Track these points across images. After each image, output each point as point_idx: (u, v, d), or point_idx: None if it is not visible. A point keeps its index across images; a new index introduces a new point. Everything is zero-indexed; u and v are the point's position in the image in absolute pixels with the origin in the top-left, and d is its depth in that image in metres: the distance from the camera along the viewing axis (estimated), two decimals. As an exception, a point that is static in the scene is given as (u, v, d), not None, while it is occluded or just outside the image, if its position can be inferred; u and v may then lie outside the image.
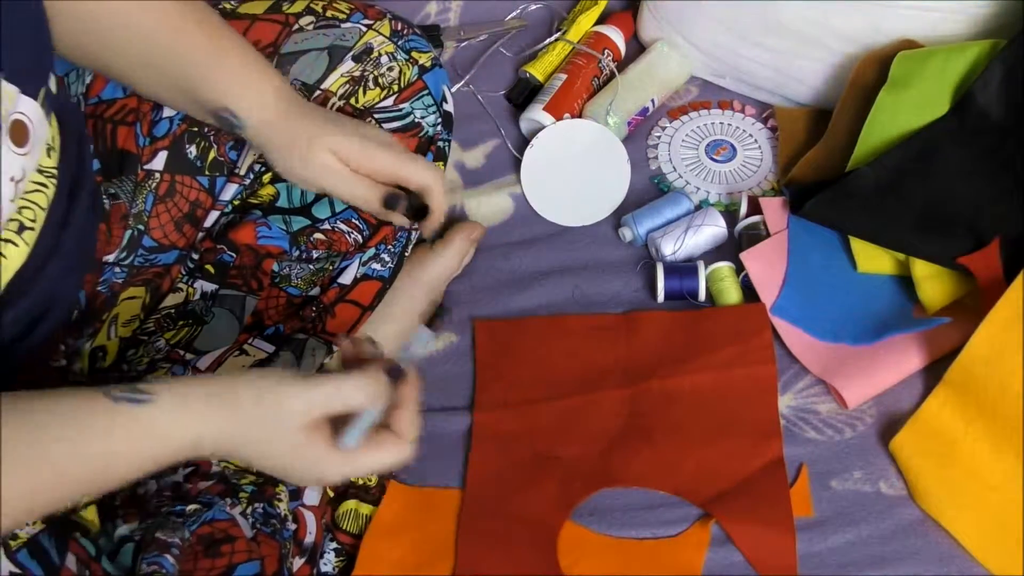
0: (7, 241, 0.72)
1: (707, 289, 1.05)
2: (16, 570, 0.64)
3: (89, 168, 0.85)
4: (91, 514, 0.72)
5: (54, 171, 0.76)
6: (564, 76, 1.22)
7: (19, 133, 0.69)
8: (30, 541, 0.66)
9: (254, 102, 0.82)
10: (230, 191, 0.94)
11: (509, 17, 1.34)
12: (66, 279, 0.81)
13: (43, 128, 0.72)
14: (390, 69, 0.95)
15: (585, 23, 1.29)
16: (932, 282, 0.99)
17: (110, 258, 0.89)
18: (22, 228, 0.73)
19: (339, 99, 0.93)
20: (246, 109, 0.82)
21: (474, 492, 0.94)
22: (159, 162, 0.91)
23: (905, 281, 1.02)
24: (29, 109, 0.69)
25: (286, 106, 0.83)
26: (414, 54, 0.97)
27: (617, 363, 1.01)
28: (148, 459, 0.64)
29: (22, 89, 0.68)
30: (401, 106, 0.95)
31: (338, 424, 0.67)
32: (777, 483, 0.92)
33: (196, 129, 0.91)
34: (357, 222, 0.94)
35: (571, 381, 1.00)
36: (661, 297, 1.05)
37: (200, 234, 0.94)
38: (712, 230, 1.09)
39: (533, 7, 1.36)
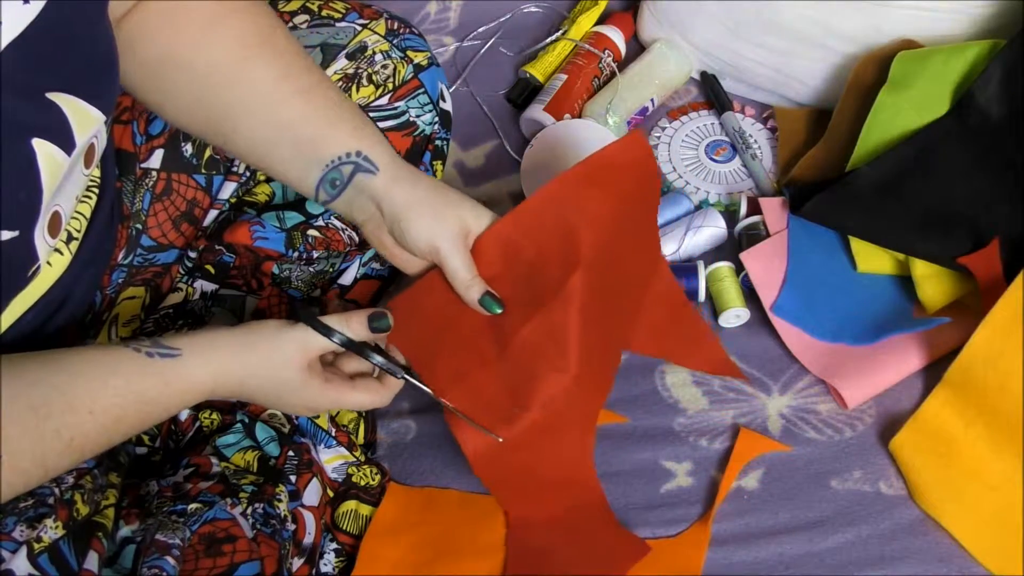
0: (56, 251, 0.72)
1: (707, 289, 1.05)
2: (35, 572, 0.65)
3: (112, 171, 0.85)
4: (111, 514, 0.73)
5: (98, 181, 0.77)
6: (564, 76, 1.22)
7: (90, 155, 0.70)
8: (51, 547, 0.67)
9: (384, 151, 0.80)
10: (228, 189, 0.94)
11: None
12: (85, 281, 0.82)
13: (102, 144, 0.72)
14: (384, 67, 0.95)
15: (585, 23, 1.29)
16: (932, 282, 0.99)
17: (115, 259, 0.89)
18: (70, 238, 0.74)
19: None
20: (379, 155, 0.79)
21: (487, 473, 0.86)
22: (155, 160, 0.91)
23: (905, 281, 1.01)
24: (100, 130, 0.70)
25: (406, 165, 0.81)
26: (409, 53, 0.96)
27: (530, 274, 0.86)
28: (177, 404, 0.72)
29: (103, 111, 0.69)
30: (396, 104, 0.95)
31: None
32: (676, 298, 0.97)
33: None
34: None
35: (494, 327, 0.85)
36: (661, 297, 1.05)
37: (197, 232, 0.94)
38: (712, 230, 1.09)
39: (533, 7, 1.36)
